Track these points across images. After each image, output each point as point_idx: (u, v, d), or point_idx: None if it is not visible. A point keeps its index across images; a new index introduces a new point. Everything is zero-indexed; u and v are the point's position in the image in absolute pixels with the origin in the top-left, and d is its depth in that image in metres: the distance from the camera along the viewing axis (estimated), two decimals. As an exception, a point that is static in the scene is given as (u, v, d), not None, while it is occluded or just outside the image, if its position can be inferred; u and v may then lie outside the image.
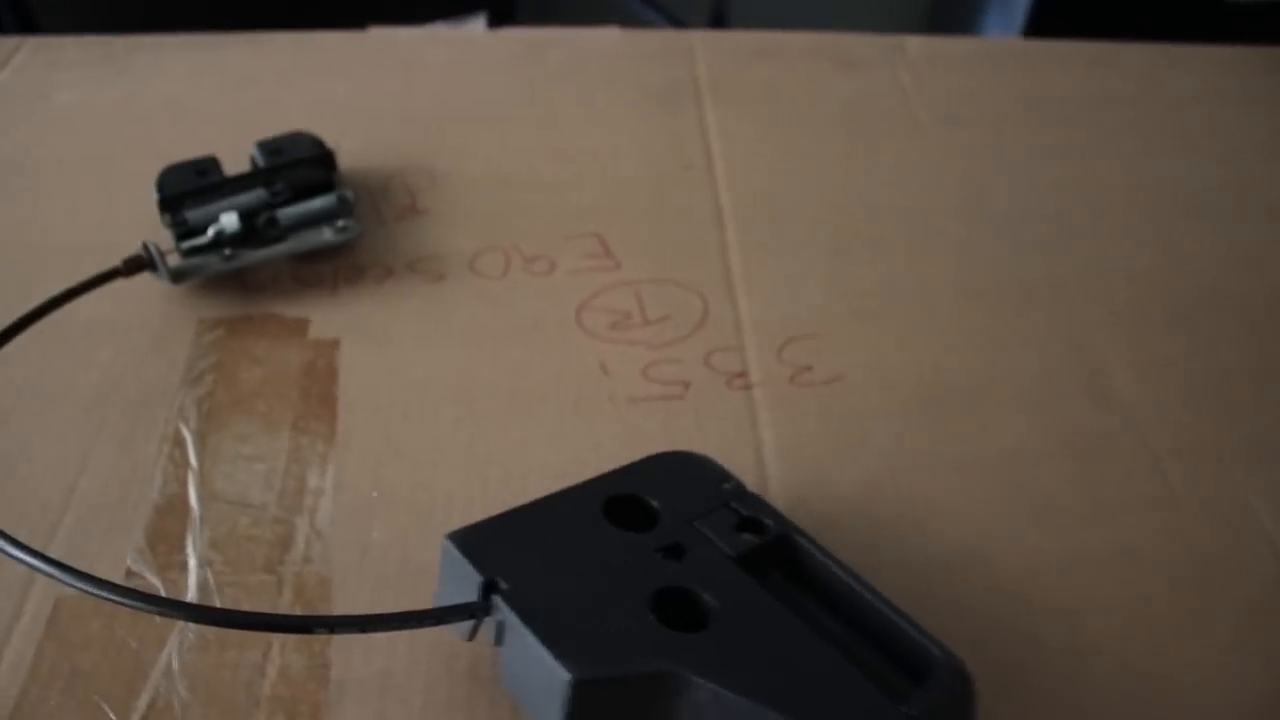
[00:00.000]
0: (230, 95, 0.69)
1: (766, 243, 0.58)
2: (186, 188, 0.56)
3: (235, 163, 0.59)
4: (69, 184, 0.62)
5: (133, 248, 0.52)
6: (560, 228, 0.58)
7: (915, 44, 0.76)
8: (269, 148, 0.59)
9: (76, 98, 0.69)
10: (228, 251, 0.54)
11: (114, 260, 0.51)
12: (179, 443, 0.47)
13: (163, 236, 0.54)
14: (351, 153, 0.61)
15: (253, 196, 0.56)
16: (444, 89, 0.69)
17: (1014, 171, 0.64)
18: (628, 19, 1.16)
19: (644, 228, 0.59)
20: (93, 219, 0.59)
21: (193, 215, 0.55)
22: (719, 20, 1.25)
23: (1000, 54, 0.75)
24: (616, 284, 0.55)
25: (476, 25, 0.72)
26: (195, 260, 0.54)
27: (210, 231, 0.55)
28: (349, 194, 0.57)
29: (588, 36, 0.73)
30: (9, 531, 0.35)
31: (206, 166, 0.58)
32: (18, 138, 0.65)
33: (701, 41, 0.73)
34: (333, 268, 0.56)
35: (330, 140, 0.60)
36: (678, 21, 1.17)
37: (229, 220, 0.55)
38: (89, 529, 0.43)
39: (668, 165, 0.63)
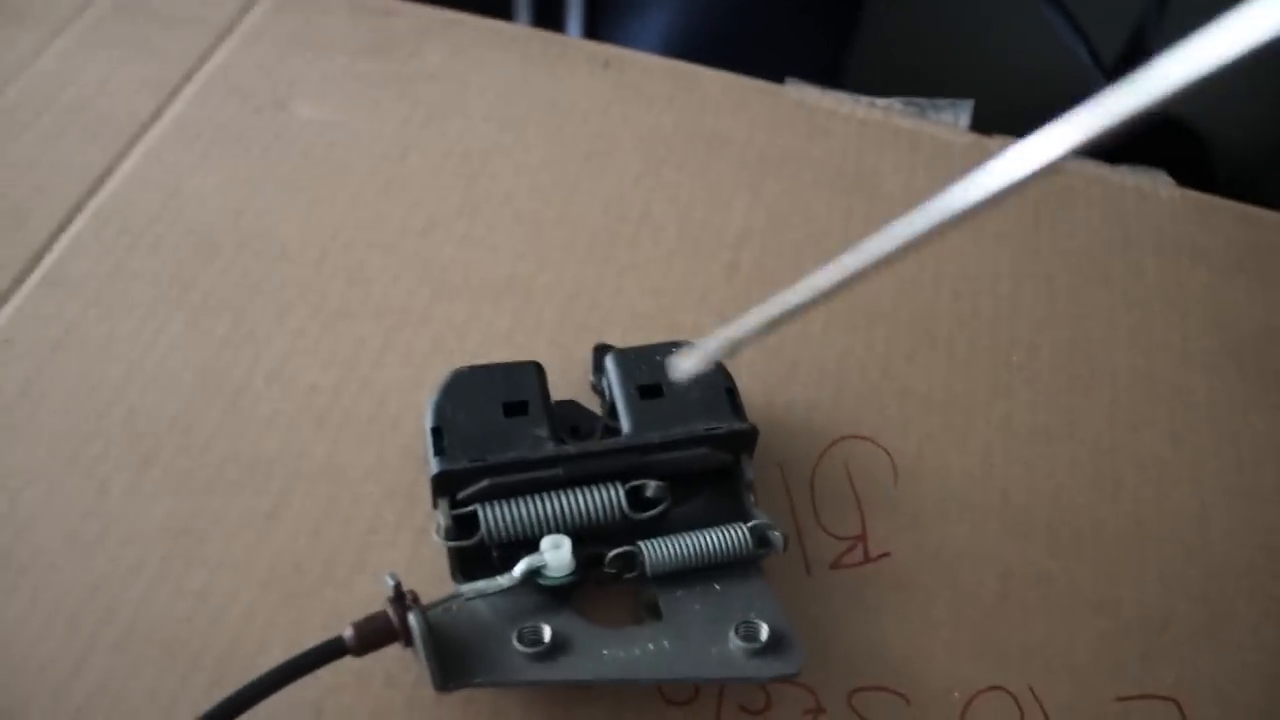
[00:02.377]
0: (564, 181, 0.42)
1: None
2: (482, 453, 0.31)
3: (562, 360, 0.33)
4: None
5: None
6: (1111, 665, 0.32)
7: None
8: (631, 365, 0.33)
9: (321, 116, 0.43)
10: (547, 638, 0.28)
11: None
12: None
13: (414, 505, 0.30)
14: (755, 384, 0.35)
15: (601, 500, 0.31)
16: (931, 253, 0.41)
17: None
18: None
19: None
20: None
21: (490, 520, 0.30)
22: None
23: None
24: None
25: (959, 114, 0.44)
26: (478, 622, 0.29)
27: (518, 569, 0.29)
28: (776, 533, 0.31)
29: (1132, 183, 0.44)
30: None
31: (524, 391, 0.32)
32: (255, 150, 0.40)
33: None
34: (716, 680, 0.30)
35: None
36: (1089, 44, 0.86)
37: (557, 559, 0.29)
38: None
39: None
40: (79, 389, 0.34)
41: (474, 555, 0.30)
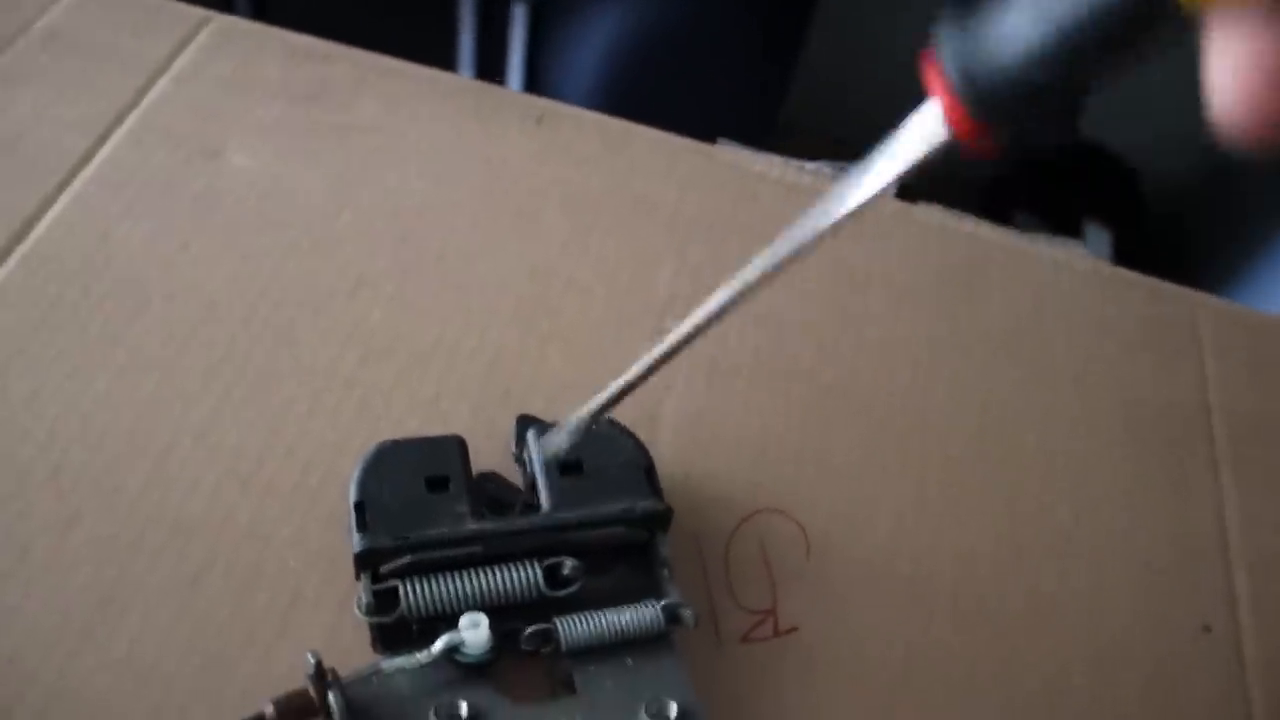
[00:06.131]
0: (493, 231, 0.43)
1: None
2: (404, 529, 0.31)
3: (485, 428, 0.34)
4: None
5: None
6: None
7: None
8: (553, 449, 0.34)
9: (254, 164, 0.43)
10: (464, 714, 0.29)
11: None
12: None
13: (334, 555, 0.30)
14: (675, 455, 0.36)
15: (518, 578, 0.31)
16: (843, 301, 0.42)
17: None
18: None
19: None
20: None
21: (411, 596, 0.31)
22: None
23: None
24: None
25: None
26: (398, 696, 0.30)
27: (437, 646, 0.30)
28: (687, 611, 0.32)
29: (1045, 255, 0.46)
30: None
31: (446, 466, 0.33)
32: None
33: (1209, 319, 0.46)
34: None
35: (645, 412, 0.35)
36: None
37: (475, 637, 0.30)
38: None
39: (1177, 622, 0.37)
40: (2, 445, 0.34)
41: (394, 629, 0.31)
